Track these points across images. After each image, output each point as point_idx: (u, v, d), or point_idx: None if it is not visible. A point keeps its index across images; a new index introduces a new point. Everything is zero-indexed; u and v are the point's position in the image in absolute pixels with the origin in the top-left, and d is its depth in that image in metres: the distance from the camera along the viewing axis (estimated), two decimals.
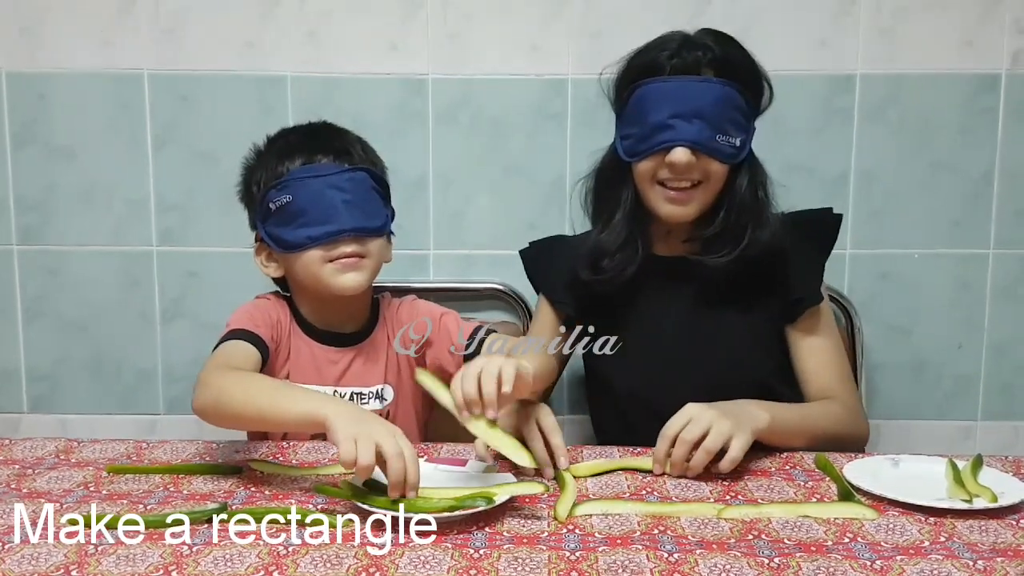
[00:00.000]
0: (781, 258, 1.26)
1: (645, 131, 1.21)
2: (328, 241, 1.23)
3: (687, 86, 1.19)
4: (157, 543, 0.88)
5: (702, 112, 1.18)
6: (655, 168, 1.23)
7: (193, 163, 1.70)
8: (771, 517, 0.95)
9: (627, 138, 1.25)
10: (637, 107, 1.22)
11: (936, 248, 1.68)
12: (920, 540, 0.89)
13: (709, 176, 1.22)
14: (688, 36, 1.24)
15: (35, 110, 1.69)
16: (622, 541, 0.88)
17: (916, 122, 1.66)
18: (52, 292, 1.73)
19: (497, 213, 1.70)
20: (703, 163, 1.21)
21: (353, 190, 1.24)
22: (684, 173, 1.21)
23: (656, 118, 1.20)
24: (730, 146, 1.21)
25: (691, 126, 1.19)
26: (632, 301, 1.31)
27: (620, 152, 1.26)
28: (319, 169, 1.24)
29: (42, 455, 1.17)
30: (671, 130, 1.19)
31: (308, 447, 1.20)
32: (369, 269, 1.26)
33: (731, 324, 1.29)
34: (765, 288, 1.28)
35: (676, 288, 1.31)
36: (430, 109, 1.68)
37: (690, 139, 1.19)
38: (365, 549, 0.86)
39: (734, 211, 1.24)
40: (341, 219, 1.22)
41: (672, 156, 1.19)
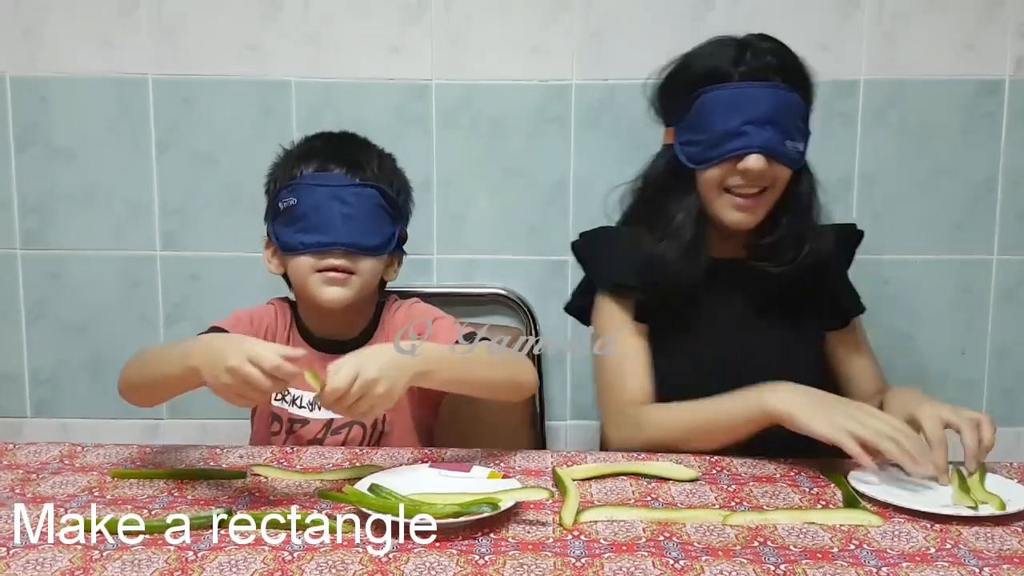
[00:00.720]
0: (828, 268, 1.30)
1: (715, 138, 1.21)
2: (318, 250, 1.23)
3: (758, 93, 1.20)
4: (162, 548, 0.88)
5: (773, 118, 1.19)
6: (724, 175, 1.22)
7: (195, 166, 1.70)
8: (776, 523, 0.95)
9: (692, 145, 1.24)
10: (703, 114, 1.22)
11: (939, 253, 1.68)
12: (926, 547, 0.89)
13: (776, 183, 1.23)
14: (744, 40, 1.24)
15: (37, 113, 1.69)
16: (627, 548, 0.88)
17: (918, 127, 1.66)
18: (54, 295, 1.73)
19: (500, 217, 1.70)
20: (773, 169, 1.22)
21: (357, 205, 1.23)
22: (756, 180, 1.21)
23: (727, 125, 1.20)
24: (796, 151, 1.23)
25: (764, 132, 1.19)
26: (686, 303, 1.29)
27: (683, 159, 1.25)
28: (328, 178, 1.24)
29: (46, 460, 1.16)
30: (745, 137, 1.19)
31: (312, 452, 1.20)
32: (356, 287, 1.25)
33: (778, 330, 1.30)
34: (810, 297, 1.30)
35: (728, 292, 1.30)
36: (432, 113, 1.68)
37: (764, 145, 1.19)
38: (369, 555, 0.86)
39: (796, 217, 1.26)
40: (335, 231, 1.22)
41: (747, 163, 1.19)
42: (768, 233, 1.27)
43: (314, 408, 1.29)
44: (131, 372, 1.17)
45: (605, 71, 1.65)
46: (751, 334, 1.29)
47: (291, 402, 1.30)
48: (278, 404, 1.31)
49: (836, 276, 1.34)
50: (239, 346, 0.98)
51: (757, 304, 1.30)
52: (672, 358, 1.29)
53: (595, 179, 1.66)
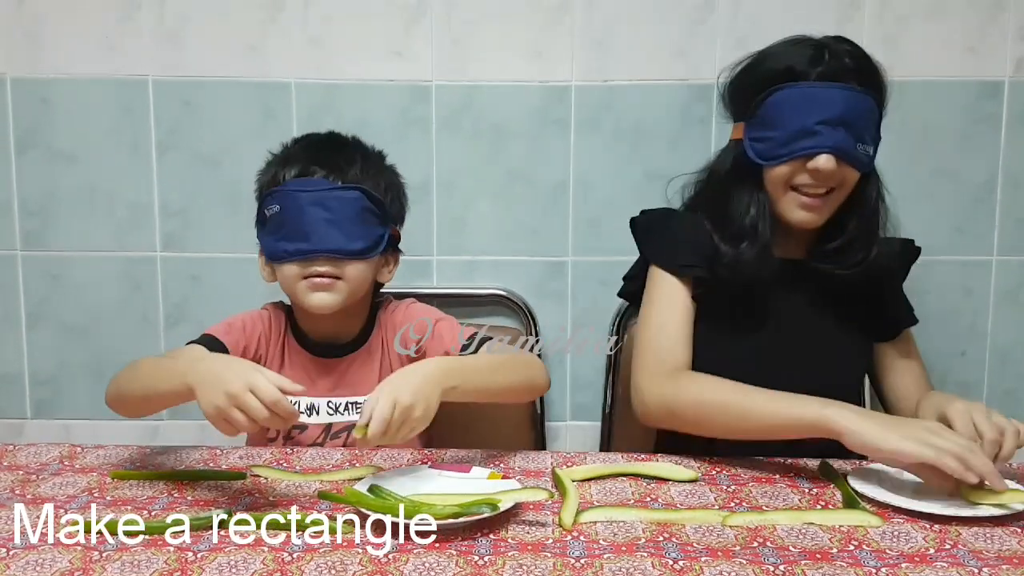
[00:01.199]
0: (887, 277, 1.31)
1: (786, 136, 1.20)
2: (302, 258, 1.23)
3: (834, 93, 1.19)
4: (162, 549, 0.88)
5: (846, 120, 1.18)
6: (792, 173, 1.22)
7: (196, 168, 1.70)
8: (776, 524, 0.95)
9: (762, 141, 1.23)
10: (776, 111, 1.21)
11: (939, 255, 1.68)
12: (925, 547, 0.89)
13: (844, 184, 1.23)
14: (822, 41, 1.23)
15: (39, 115, 1.69)
16: (627, 548, 0.88)
17: (919, 128, 1.66)
18: (55, 297, 1.73)
19: (500, 219, 1.70)
20: (842, 171, 1.21)
21: (339, 209, 1.22)
22: (825, 180, 1.21)
23: (800, 123, 1.19)
24: (866, 155, 1.22)
25: (836, 133, 1.18)
26: (744, 298, 1.28)
27: (752, 155, 1.24)
28: (308, 184, 1.23)
29: (46, 460, 1.17)
30: (817, 136, 1.18)
31: (312, 453, 1.20)
32: (343, 291, 1.24)
33: (830, 333, 1.30)
34: (866, 304, 1.31)
35: (788, 292, 1.30)
36: (433, 115, 1.68)
37: (835, 146, 1.18)
38: (369, 555, 0.86)
39: (864, 220, 1.26)
40: (317, 238, 1.21)
41: (817, 162, 1.19)
42: (834, 236, 1.26)
43: (312, 413, 1.28)
44: (121, 383, 1.16)
45: (605, 73, 1.65)
46: (804, 334, 1.29)
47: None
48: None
49: (893, 287, 1.35)
50: (240, 372, 0.96)
51: (814, 306, 1.30)
52: (721, 350, 1.28)
53: (595, 180, 1.67)
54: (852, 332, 1.32)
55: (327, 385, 1.30)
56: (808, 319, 1.30)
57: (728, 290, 1.27)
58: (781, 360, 1.26)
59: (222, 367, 0.99)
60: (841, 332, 1.31)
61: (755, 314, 1.30)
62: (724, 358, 1.26)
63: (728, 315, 1.29)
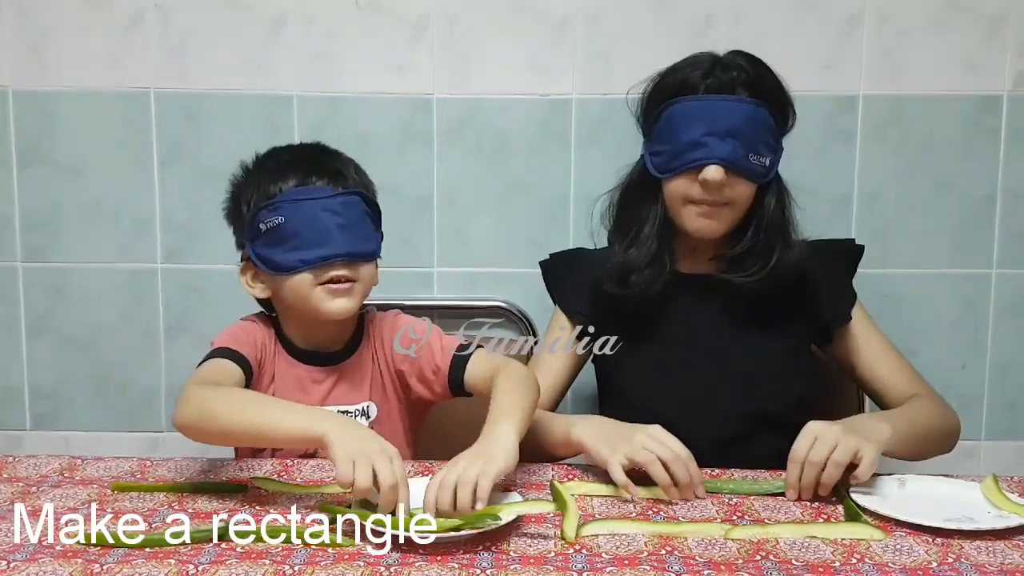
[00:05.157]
0: (807, 280, 1.29)
1: (678, 148, 1.22)
2: (320, 265, 1.22)
3: (721, 105, 1.21)
4: (163, 561, 0.87)
5: (735, 131, 1.20)
6: (687, 186, 1.24)
7: (199, 181, 1.70)
8: (778, 537, 0.94)
9: (658, 155, 1.26)
10: (669, 125, 1.24)
11: (939, 268, 1.68)
12: (927, 561, 0.89)
13: (738, 196, 1.24)
14: (719, 57, 1.26)
15: (42, 128, 1.70)
16: (629, 562, 0.88)
17: (918, 143, 1.67)
18: (56, 309, 1.73)
19: (501, 231, 1.71)
20: (733, 182, 1.22)
21: (346, 214, 1.22)
22: (716, 191, 1.22)
23: (689, 136, 1.21)
24: (760, 166, 1.23)
25: (724, 144, 1.20)
26: (654, 317, 1.32)
27: (650, 168, 1.27)
28: (313, 191, 1.22)
29: (46, 472, 1.16)
30: (705, 148, 1.20)
31: (312, 465, 1.19)
32: (359, 294, 1.25)
33: (755, 345, 1.30)
34: (790, 311, 1.31)
35: (700, 306, 1.32)
36: (435, 128, 1.68)
37: (723, 157, 1.20)
38: (371, 570, 0.86)
39: (762, 230, 1.26)
40: (335, 243, 1.21)
41: (705, 174, 1.20)
42: (734, 245, 1.27)
43: None
44: (220, 411, 1.09)
45: (606, 86, 1.66)
46: (724, 349, 1.30)
47: None
48: None
49: (820, 288, 1.32)
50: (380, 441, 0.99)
51: (731, 318, 1.31)
52: (640, 372, 1.32)
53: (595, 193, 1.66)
54: (783, 344, 1.31)
55: (318, 396, 1.29)
56: (726, 332, 1.31)
57: (633, 308, 1.30)
58: (704, 372, 1.29)
59: (363, 432, 1.02)
60: (767, 345, 1.30)
61: (669, 330, 1.32)
62: (646, 380, 1.31)
63: (641, 337, 1.32)
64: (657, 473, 1.05)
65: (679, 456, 1.06)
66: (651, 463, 1.06)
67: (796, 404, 1.29)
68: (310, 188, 1.23)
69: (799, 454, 1.05)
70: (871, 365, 1.32)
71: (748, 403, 1.28)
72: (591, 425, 1.17)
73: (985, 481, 1.06)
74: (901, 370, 1.32)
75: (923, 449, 1.21)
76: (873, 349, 1.33)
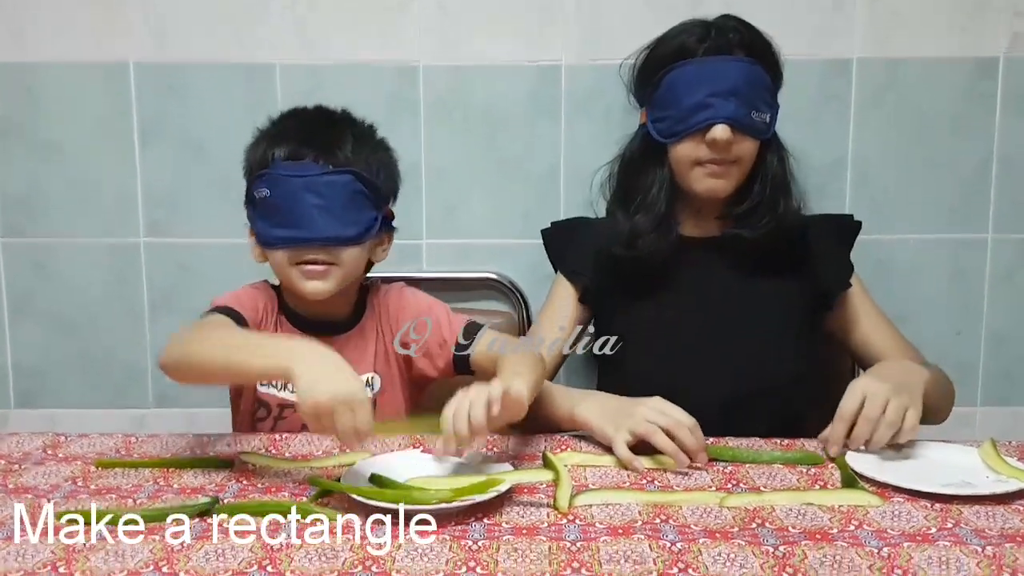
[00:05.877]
0: (807, 250, 1.32)
1: (682, 112, 1.25)
2: (294, 246, 1.19)
3: (721, 66, 1.24)
4: (147, 538, 0.85)
5: (736, 90, 1.23)
6: (694, 148, 1.26)
7: (181, 154, 1.67)
8: (774, 505, 0.93)
9: (661, 121, 1.28)
10: (671, 90, 1.26)
11: (934, 234, 1.66)
12: (927, 526, 0.88)
13: (744, 153, 1.26)
14: (711, 21, 1.28)
15: (20, 101, 1.65)
16: (623, 531, 0.87)
17: (913, 107, 1.64)
18: (39, 286, 1.70)
19: (491, 202, 1.68)
20: (739, 139, 1.24)
21: (331, 195, 1.18)
22: (723, 150, 1.24)
23: (693, 98, 1.23)
24: (762, 122, 1.26)
25: (728, 104, 1.23)
26: (658, 281, 1.33)
27: (654, 135, 1.29)
28: (299, 168, 1.18)
29: (29, 450, 1.14)
30: (710, 108, 1.23)
31: (301, 439, 1.17)
32: (337, 277, 1.21)
33: (758, 309, 1.31)
34: (792, 277, 1.32)
35: (705, 269, 1.34)
36: (421, 96, 1.65)
37: (729, 116, 1.22)
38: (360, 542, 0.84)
39: (768, 184, 1.29)
40: (311, 227, 1.17)
41: (713, 133, 1.22)
42: (740, 204, 1.30)
43: None
44: (192, 349, 1.08)
45: (596, 53, 1.63)
46: (727, 307, 1.31)
47: (281, 387, 1.27)
48: (264, 390, 1.28)
49: (818, 257, 1.34)
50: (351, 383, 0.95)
51: (734, 279, 1.32)
52: (641, 331, 1.33)
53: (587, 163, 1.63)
54: (786, 311, 1.32)
55: None
56: (730, 295, 1.32)
57: (637, 273, 1.31)
58: (710, 338, 1.30)
59: (331, 371, 0.96)
60: (771, 311, 1.31)
61: (673, 296, 1.33)
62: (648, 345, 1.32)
63: (644, 302, 1.33)
64: (660, 443, 1.05)
65: (682, 422, 1.06)
66: (653, 434, 1.05)
67: (796, 371, 1.30)
68: (298, 164, 1.19)
69: (848, 411, 1.05)
70: (869, 334, 1.35)
71: (750, 368, 1.28)
72: (594, 403, 1.16)
73: (984, 445, 1.05)
74: (897, 341, 1.34)
75: (935, 407, 1.21)
76: (871, 319, 1.35)
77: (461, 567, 0.79)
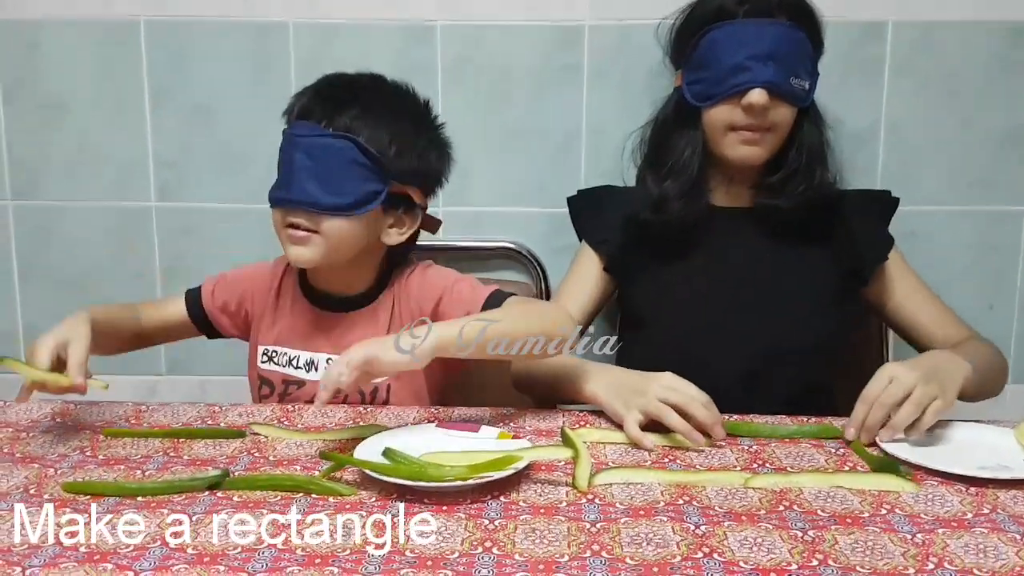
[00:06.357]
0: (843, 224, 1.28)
1: (719, 74, 1.21)
2: (281, 207, 1.16)
3: (762, 28, 1.20)
4: (155, 511, 0.83)
5: (776, 54, 1.19)
6: (729, 113, 1.22)
7: (192, 116, 1.62)
8: (802, 487, 0.90)
9: (697, 83, 1.24)
10: (709, 51, 1.22)
11: (966, 205, 1.60)
12: (962, 512, 0.84)
13: (781, 120, 1.23)
14: None
15: (25, 60, 1.61)
16: (645, 512, 0.84)
17: (943, 73, 1.57)
18: (48, 249, 1.67)
19: (507, 168, 1.63)
20: (776, 106, 1.20)
21: (321, 159, 1.12)
22: (759, 115, 1.20)
23: (731, 61, 1.20)
24: (801, 89, 1.22)
25: (766, 68, 1.19)
26: (686, 250, 1.30)
27: (688, 98, 1.25)
28: (300, 128, 1.15)
29: (37, 417, 1.12)
30: (748, 72, 1.19)
31: (313, 411, 1.15)
32: (320, 247, 1.15)
33: (787, 280, 1.28)
34: (825, 249, 1.28)
35: (735, 239, 1.30)
36: (438, 57, 1.59)
37: (767, 80, 1.19)
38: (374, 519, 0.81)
39: (804, 154, 1.25)
40: (291, 188, 1.13)
41: (749, 97, 1.19)
42: (773, 173, 1.26)
43: (311, 369, 1.23)
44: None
45: (621, 13, 1.56)
46: (756, 277, 1.28)
47: (285, 363, 1.24)
48: (266, 366, 1.26)
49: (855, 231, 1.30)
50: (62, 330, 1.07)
51: (764, 249, 1.29)
52: (668, 298, 1.30)
53: (609, 130, 1.58)
54: (820, 284, 1.28)
55: (329, 341, 1.24)
56: (760, 266, 1.29)
57: (664, 241, 1.28)
58: (738, 309, 1.27)
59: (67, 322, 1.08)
60: (804, 284, 1.28)
61: (701, 265, 1.30)
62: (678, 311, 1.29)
63: (672, 270, 1.30)
64: (674, 423, 1.01)
65: (695, 398, 1.02)
66: (666, 415, 1.02)
67: (822, 342, 1.27)
68: (300, 124, 1.16)
69: (872, 394, 1.01)
70: (913, 309, 1.31)
71: (774, 338, 1.25)
72: (605, 379, 1.13)
73: (1020, 426, 1.01)
74: (947, 315, 1.31)
75: (985, 391, 1.18)
76: (916, 292, 1.32)
77: (477, 547, 0.77)
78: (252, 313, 1.29)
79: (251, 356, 1.30)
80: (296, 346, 1.24)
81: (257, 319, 1.28)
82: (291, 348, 1.24)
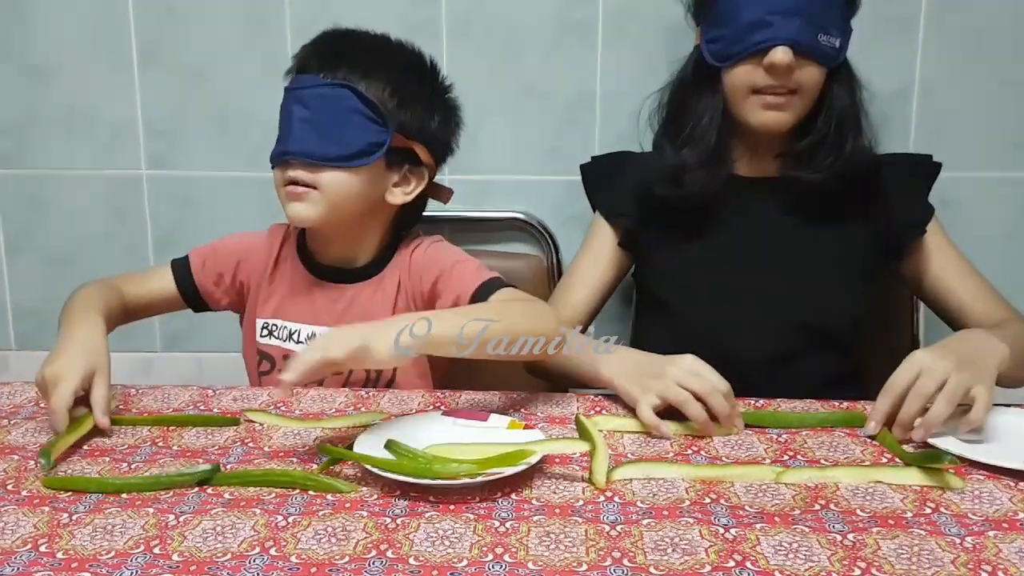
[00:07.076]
0: (879, 191, 1.18)
1: (739, 31, 1.11)
2: (280, 163, 1.10)
3: None
4: (140, 511, 0.77)
5: (802, 8, 1.09)
6: (751, 74, 1.12)
7: (184, 81, 1.54)
8: (838, 483, 0.83)
9: (716, 41, 1.14)
10: (729, 5, 1.12)
11: (1006, 171, 1.52)
12: (1013, 510, 0.78)
13: (808, 81, 1.12)
14: None
15: (8, 21, 1.53)
16: (669, 512, 0.77)
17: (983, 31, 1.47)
18: (36, 221, 1.60)
19: (515, 133, 1.54)
20: (802, 65, 1.10)
21: (318, 108, 1.06)
22: (783, 76, 1.11)
23: (752, 15, 1.10)
24: (831, 47, 1.12)
25: (791, 23, 1.08)
26: (707, 223, 1.21)
27: (707, 57, 1.16)
28: (297, 80, 1.10)
29: (20, 403, 1.06)
30: (770, 28, 1.09)
31: (313, 395, 1.08)
32: (320, 203, 1.08)
33: (815, 255, 1.19)
34: (857, 220, 1.19)
35: (759, 211, 1.21)
36: (442, 14, 1.50)
37: (791, 37, 1.09)
38: (375, 521, 0.75)
39: (833, 119, 1.15)
40: (289, 140, 1.07)
41: (771, 56, 1.09)
42: (802, 140, 1.16)
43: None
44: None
45: None
46: (782, 252, 1.20)
47: (286, 337, 1.18)
48: (265, 340, 1.19)
49: (890, 200, 1.20)
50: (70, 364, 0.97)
51: (791, 222, 1.20)
52: (688, 275, 1.22)
53: (623, 92, 1.49)
54: (851, 256, 1.20)
55: (332, 313, 1.17)
56: (786, 240, 1.20)
57: (684, 213, 1.19)
58: (760, 286, 1.18)
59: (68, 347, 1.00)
60: (833, 256, 1.19)
61: (723, 239, 1.21)
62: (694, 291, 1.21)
63: (692, 244, 1.21)
64: (693, 413, 0.94)
65: (716, 387, 0.95)
66: (686, 402, 0.95)
67: (852, 322, 1.20)
68: (301, 77, 1.10)
69: (898, 384, 0.92)
70: (951, 285, 1.21)
71: (802, 317, 1.17)
72: (620, 361, 1.04)
73: None
74: (987, 292, 1.21)
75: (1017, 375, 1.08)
76: (954, 267, 1.22)
77: (487, 553, 0.70)
78: (248, 285, 1.22)
79: (247, 332, 1.23)
80: (297, 319, 1.18)
81: (254, 291, 1.22)
82: (291, 321, 1.18)
